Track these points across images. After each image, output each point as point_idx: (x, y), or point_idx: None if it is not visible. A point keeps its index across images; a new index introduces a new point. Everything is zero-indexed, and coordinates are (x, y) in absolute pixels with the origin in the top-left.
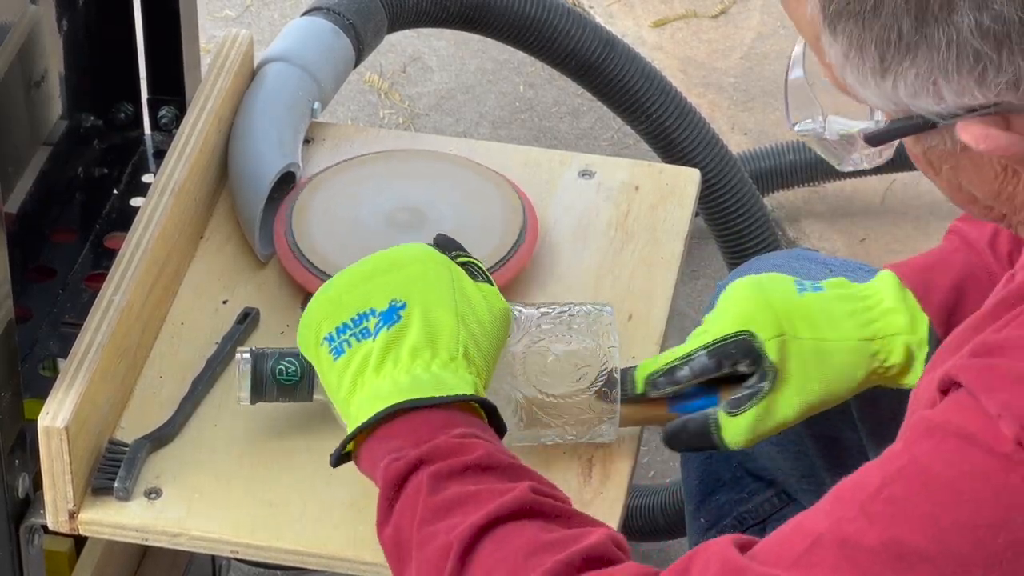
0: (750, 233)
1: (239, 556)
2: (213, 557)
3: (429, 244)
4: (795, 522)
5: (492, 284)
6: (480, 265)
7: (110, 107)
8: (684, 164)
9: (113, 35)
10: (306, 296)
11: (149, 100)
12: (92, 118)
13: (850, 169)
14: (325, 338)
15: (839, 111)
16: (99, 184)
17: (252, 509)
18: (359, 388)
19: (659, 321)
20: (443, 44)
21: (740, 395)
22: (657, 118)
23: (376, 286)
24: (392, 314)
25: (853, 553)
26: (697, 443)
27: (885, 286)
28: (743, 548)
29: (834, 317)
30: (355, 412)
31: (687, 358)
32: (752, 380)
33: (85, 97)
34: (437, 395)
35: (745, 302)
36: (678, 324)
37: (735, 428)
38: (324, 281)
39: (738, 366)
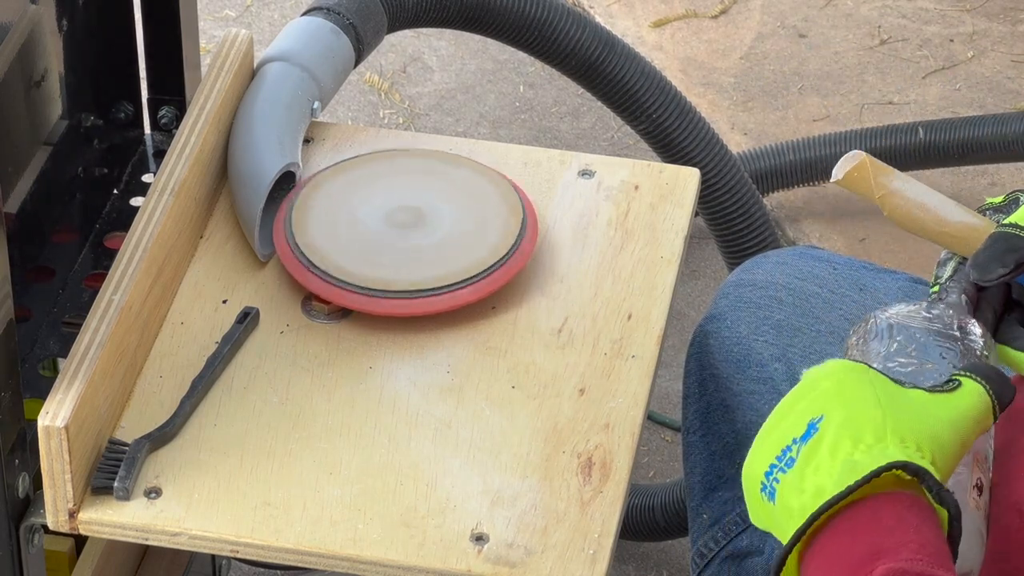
0: (750, 233)
1: (239, 556)
2: (213, 557)
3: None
4: None
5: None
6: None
7: (110, 107)
8: (684, 164)
9: (113, 35)
10: (306, 296)
11: (149, 100)
12: (92, 118)
13: None
14: (760, 488)
15: None
16: (99, 184)
17: (252, 509)
18: (787, 512)
19: (659, 321)
20: (443, 44)
21: None
22: (657, 118)
23: (795, 415)
24: (810, 431)
25: None
26: None
27: None
28: None
29: None
30: (783, 525)
31: None
32: None
33: (85, 97)
34: (846, 486)
35: None
36: (678, 324)
37: None
38: (324, 281)
39: None
